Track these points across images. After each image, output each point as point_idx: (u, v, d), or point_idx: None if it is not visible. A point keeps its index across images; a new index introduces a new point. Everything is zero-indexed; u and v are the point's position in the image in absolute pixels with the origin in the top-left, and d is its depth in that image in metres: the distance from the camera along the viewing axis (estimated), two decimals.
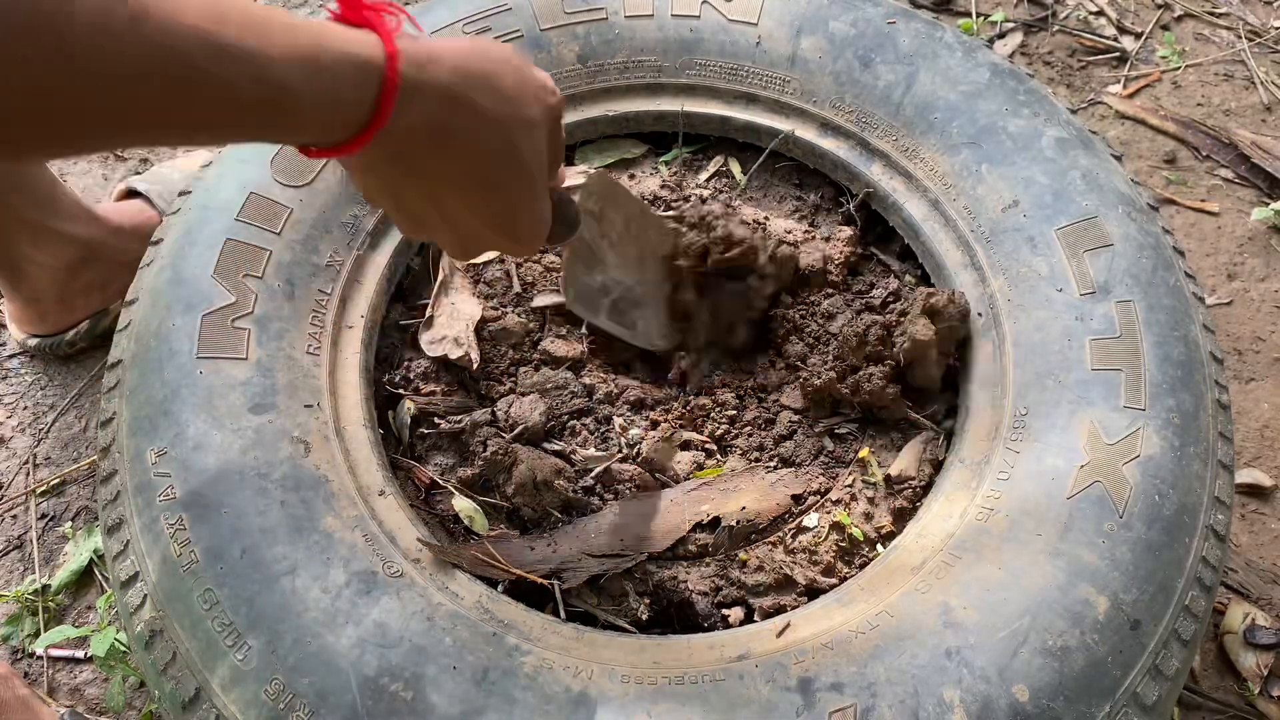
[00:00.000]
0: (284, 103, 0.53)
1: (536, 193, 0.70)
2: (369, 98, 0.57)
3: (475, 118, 0.62)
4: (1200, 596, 0.82)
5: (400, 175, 0.64)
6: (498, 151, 0.65)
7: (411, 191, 0.66)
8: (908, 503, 0.95)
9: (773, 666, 0.77)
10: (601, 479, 0.97)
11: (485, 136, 0.64)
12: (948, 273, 1.04)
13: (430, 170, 0.64)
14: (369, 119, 0.58)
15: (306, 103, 0.54)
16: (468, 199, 0.67)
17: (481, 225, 0.69)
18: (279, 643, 0.75)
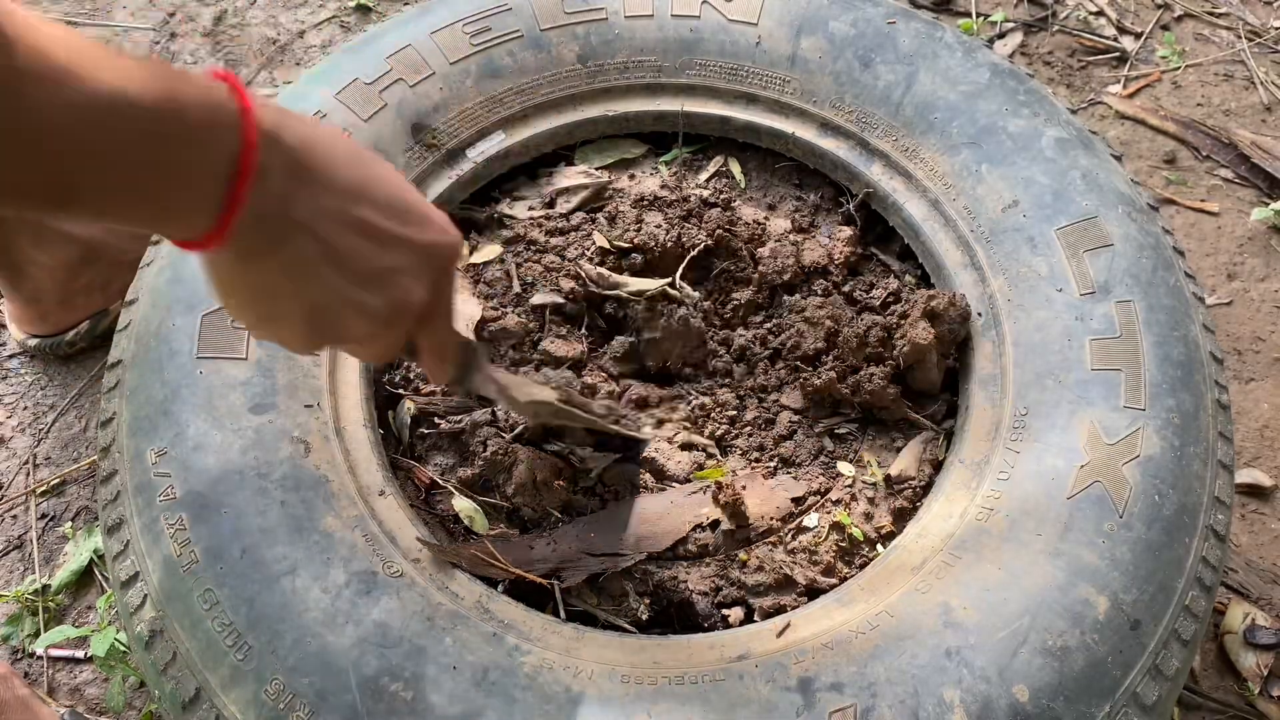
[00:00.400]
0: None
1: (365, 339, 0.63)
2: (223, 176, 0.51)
3: (301, 276, 0.56)
4: (1200, 596, 0.82)
5: (240, 279, 0.58)
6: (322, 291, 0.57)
7: (247, 297, 0.59)
8: (908, 503, 0.95)
9: (773, 666, 0.77)
10: (601, 479, 0.97)
11: (300, 293, 0.57)
12: (948, 273, 1.04)
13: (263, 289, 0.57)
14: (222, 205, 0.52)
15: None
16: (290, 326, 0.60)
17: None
18: (279, 643, 0.75)
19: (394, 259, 0.59)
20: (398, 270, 0.59)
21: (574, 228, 1.13)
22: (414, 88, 1.10)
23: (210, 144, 0.50)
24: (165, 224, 0.53)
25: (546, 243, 1.11)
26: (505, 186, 1.18)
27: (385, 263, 0.58)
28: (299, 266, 0.55)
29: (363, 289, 0.58)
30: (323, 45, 1.80)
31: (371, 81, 1.08)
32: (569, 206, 1.15)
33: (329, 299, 0.57)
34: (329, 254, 0.56)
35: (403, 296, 0.60)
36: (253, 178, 0.51)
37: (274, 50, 1.79)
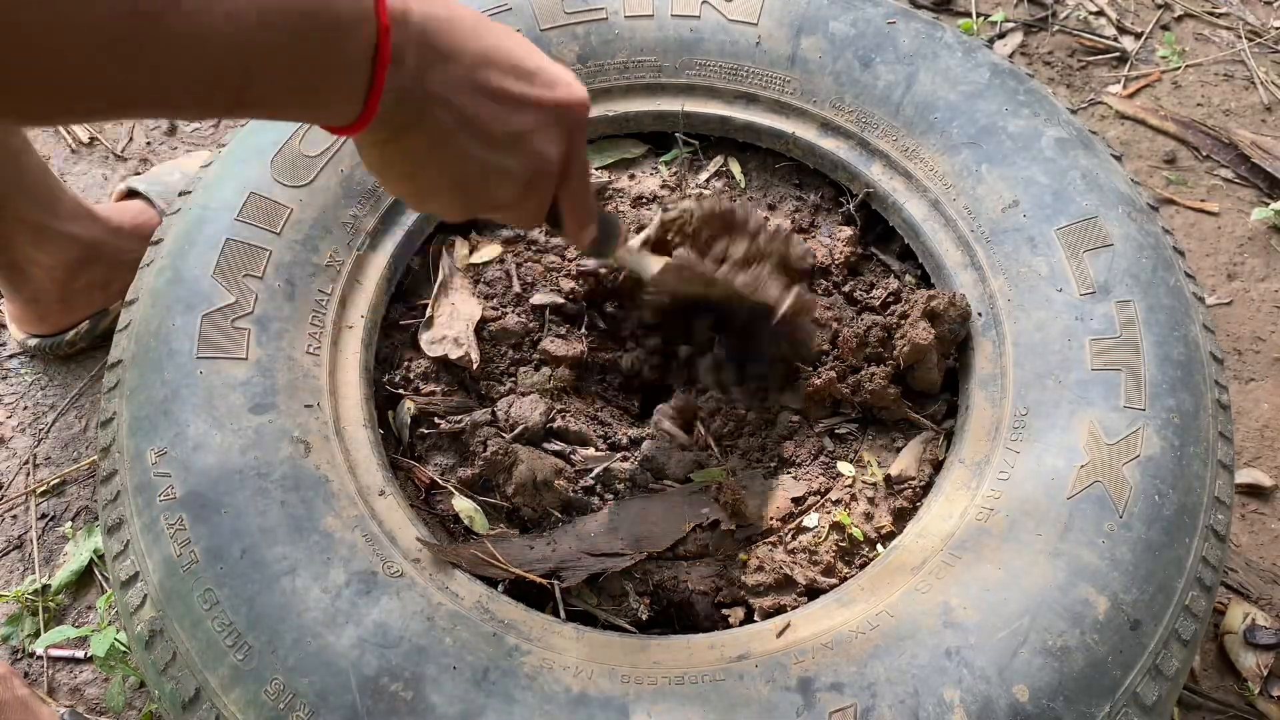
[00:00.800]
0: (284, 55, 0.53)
1: (521, 200, 0.68)
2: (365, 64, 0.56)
3: (443, 144, 0.61)
4: (1200, 596, 0.82)
5: (381, 159, 0.63)
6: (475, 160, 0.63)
7: (401, 172, 0.65)
8: (908, 503, 0.95)
9: (773, 666, 0.77)
10: (601, 479, 0.97)
11: (446, 165, 0.62)
12: (948, 273, 1.04)
13: (416, 160, 0.62)
14: (366, 90, 0.57)
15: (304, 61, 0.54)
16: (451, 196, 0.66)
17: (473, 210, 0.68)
18: (279, 643, 0.75)
19: (525, 120, 0.63)
20: (531, 130, 0.63)
21: None
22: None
23: (353, 32, 0.54)
24: (318, 112, 0.57)
25: (546, 243, 1.11)
26: None
27: (517, 124, 0.62)
28: (440, 137, 0.60)
29: (500, 152, 0.62)
30: None
31: None
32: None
33: (471, 165, 0.62)
34: (464, 121, 0.60)
35: (539, 155, 0.64)
36: (392, 60, 0.55)
37: None
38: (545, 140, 0.65)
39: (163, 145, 1.66)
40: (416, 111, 0.59)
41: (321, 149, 1.03)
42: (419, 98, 0.58)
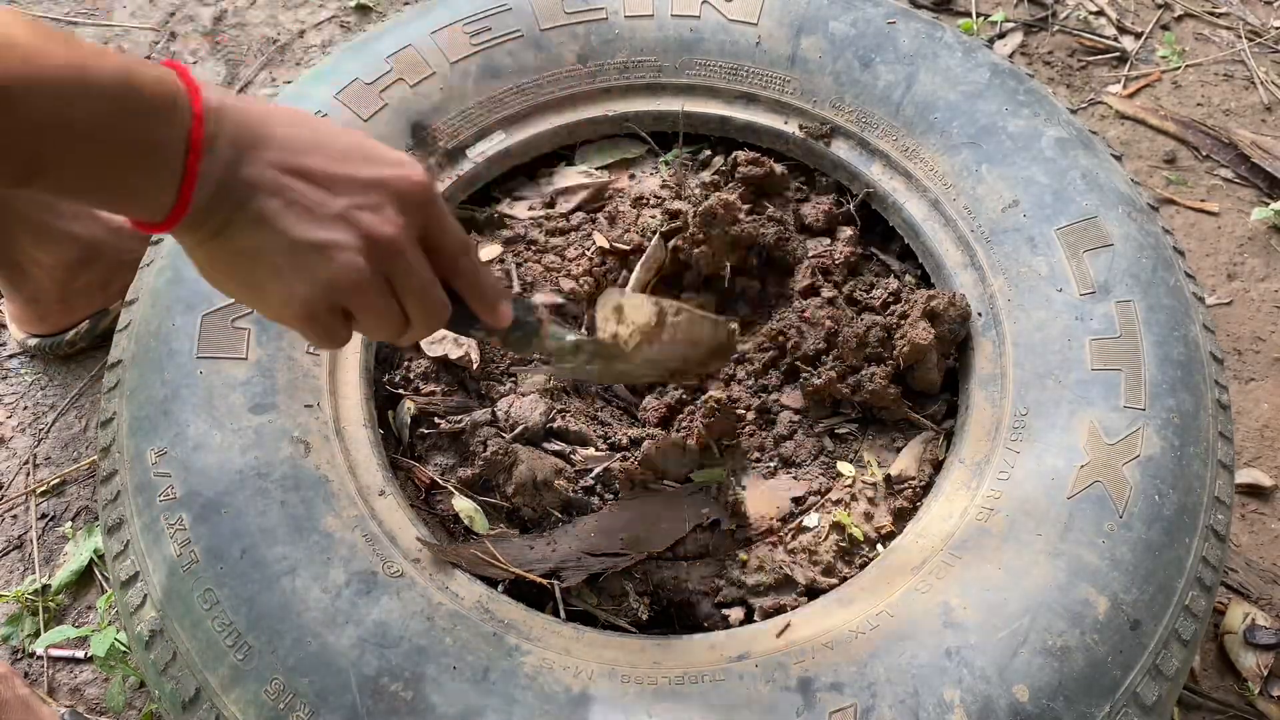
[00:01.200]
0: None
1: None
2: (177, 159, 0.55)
3: (256, 236, 0.58)
4: (1200, 596, 0.82)
5: (208, 259, 0.61)
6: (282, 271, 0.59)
7: (219, 277, 0.62)
8: (908, 503, 0.95)
9: (773, 666, 0.77)
10: (601, 479, 0.97)
11: (258, 259, 0.59)
12: (948, 273, 1.04)
13: (216, 267, 0.61)
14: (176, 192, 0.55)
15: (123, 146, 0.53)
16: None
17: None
18: (279, 643, 0.75)
19: (351, 198, 0.59)
20: (359, 207, 0.59)
21: (574, 228, 1.14)
22: (414, 88, 1.10)
23: (166, 118, 0.53)
24: (128, 204, 0.55)
25: (546, 243, 1.11)
26: (505, 186, 1.18)
27: (341, 203, 0.59)
28: (262, 226, 0.57)
29: (325, 228, 0.58)
30: (323, 45, 1.80)
31: (372, 81, 1.08)
32: (569, 206, 1.15)
33: (302, 253, 0.58)
34: (286, 206, 0.57)
35: (373, 232, 0.60)
36: (204, 149, 0.54)
37: (274, 50, 1.79)
38: (378, 217, 0.60)
39: None
40: (235, 204, 0.56)
41: None
42: (235, 189, 0.56)
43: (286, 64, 1.78)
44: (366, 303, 0.62)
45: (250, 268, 0.59)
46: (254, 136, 0.57)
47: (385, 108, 1.07)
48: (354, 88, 1.08)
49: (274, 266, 0.59)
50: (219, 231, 0.57)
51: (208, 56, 1.78)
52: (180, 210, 0.55)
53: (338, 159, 0.60)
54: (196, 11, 1.85)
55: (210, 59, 1.77)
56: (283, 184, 0.58)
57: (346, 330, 0.64)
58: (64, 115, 0.50)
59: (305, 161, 0.59)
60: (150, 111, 0.53)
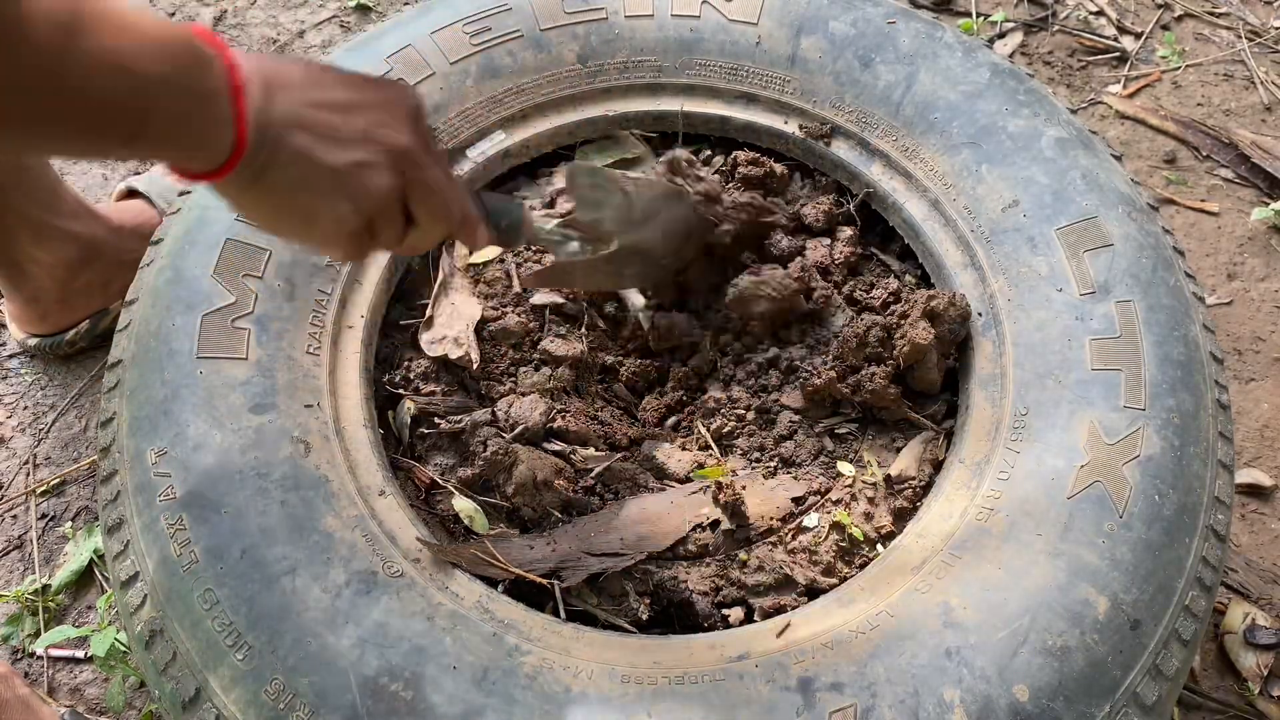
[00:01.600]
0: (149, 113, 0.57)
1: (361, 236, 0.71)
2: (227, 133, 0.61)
3: (298, 168, 0.64)
4: (1200, 596, 0.82)
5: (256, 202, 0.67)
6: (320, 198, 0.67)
7: (269, 216, 0.69)
8: (908, 503, 0.95)
9: (773, 666, 0.77)
10: (601, 479, 0.97)
11: (304, 188, 0.66)
12: (948, 273, 1.04)
13: (267, 205, 0.67)
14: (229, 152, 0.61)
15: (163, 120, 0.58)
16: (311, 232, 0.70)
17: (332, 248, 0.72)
18: (279, 643, 0.75)
19: (366, 118, 0.67)
20: (375, 125, 0.67)
21: None
22: (414, 88, 1.10)
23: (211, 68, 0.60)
24: (199, 149, 0.61)
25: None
26: (505, 186, 1.18)
27: (359, 124, 0.66)
28: (300, 156, 0.64)
29: (353, 149, 0.66)
30: (323, 45, 1.80)
31: None
32: (569, 206, 1.15)
33: (334, 173, 0.65)
34: (316, 135, 0.64)
35: (388, 144, 0.67)
36: (245, 91, 0.60)
37: (274, 50, 1.79)
38: (394, 132, 0.68)
39: None
40: (273, 142, 0.62)
41: None
42: (271, 127, 0.62)
43: None
44: (394, 213, 0.70)
45: (297, 200, 0.66)
46: (274, 78, 0.63)
47: None
48: None
49: (319, 193, 0.66)
50: (262, 173, 0.63)
51: None
52: (239, 150, 0.61)
53: (344, 86, 0.67)
54: (196, 11, 1.85)
55: None
56: (309, 117, 0.64)
57: (373, 242, 0.72)
58: (160, 75, 0.56)
59: (322, 94, 0.65)
60: (203, 62, 0.59)
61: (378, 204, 0.68)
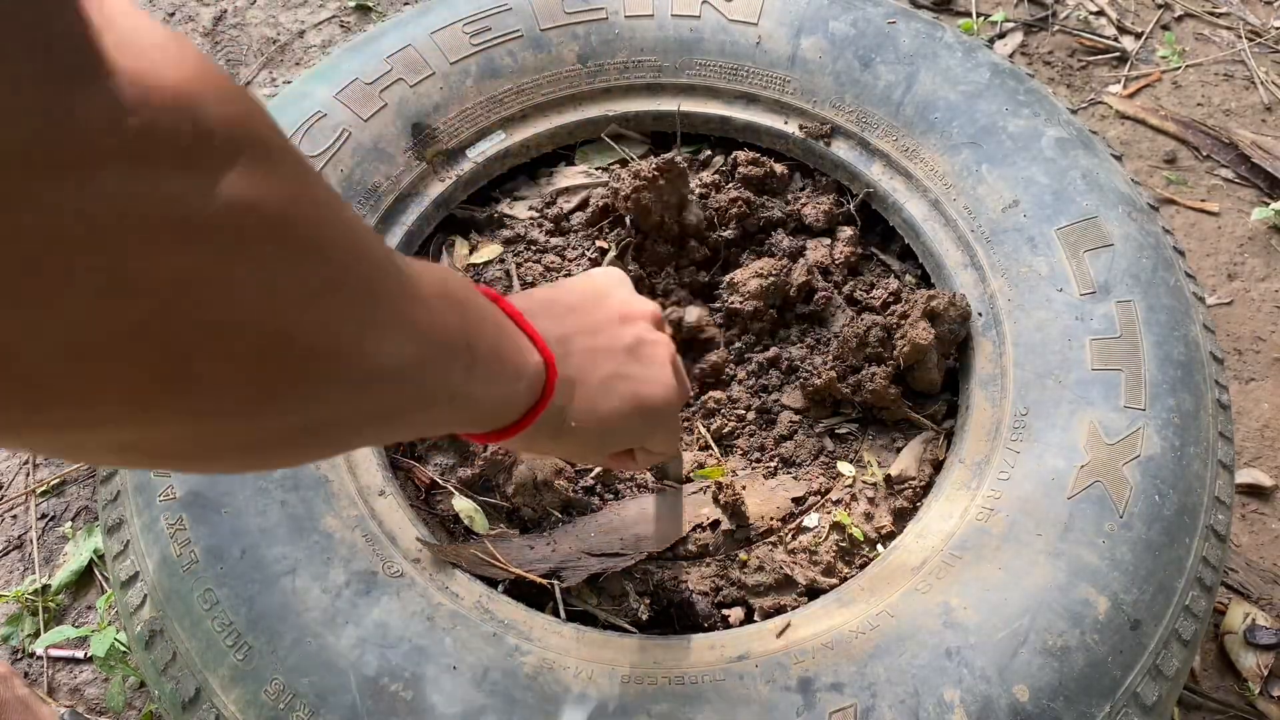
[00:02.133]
0: (468, 409, 0.53)
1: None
2: (531, 400, 0.58)
3: (599, 367, 0.64)
4: (1200, 596, 0.82)
5: (572, 426, 0.65)
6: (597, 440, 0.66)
7: (587, 436, 0.67)
8: (908, 503, 0.95)
9: (773, 666, 0.77)
10: (601, 479, 0.97)
11: (618, 378, 0.65)
12: (948, 273, 1.04)
13: (592, 418, 0.65)
14: (524, 415, 0.58)
15: (486, 407, 0.55)
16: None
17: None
18: (279, 643, 0.75)
19: (609, 304, 0.68)
20: (621, 303, 0.68)
21: (574, 228, 1.13)
22: (414, 88, 1.10)
23: (526, 376, 0.56)
24: (479, 426, 0.57)
25: (546, 243, 1.11)
26: (505, 186, 1.18)
27: (610, 309, 0.67)
28: (592, 355, 0.63)
29: (625, 326, 0.67)
30: (322, 45, 1.80)
31: (371, 81, 1.08)
32: (569, 206, 1.15)
33: (629, 350, 0.66)
34: (589, 334, 0.64)
35: (641, 308, 0.69)
36: (551, 396, 0.58)
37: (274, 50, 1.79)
38: (635, 303, 0.70)
39: None
40: (562, 360, 0.60)
41: (321, 149, 1.03)
42: (553, 344, 0.60)
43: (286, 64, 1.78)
44: (680, 368, 0.73)
45: (618, 391, 0.65)
46: (522, 307, 0.59)
47: (385, 108, 1.08)
48: (354, 88, 1.08)
49: (631, 375, 0.66)
50: (568, 393, 0.61)
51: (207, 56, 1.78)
52: (550, 385, 0.58)
53: (570, 289, 0.67)
54: (196, 11, 1.85)
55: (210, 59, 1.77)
56: (572, 323, 0.63)
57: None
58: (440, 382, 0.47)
59: (563, 299, 0.65)
60: (520, 375, 0.55)
61: (673, 362, 0.70)
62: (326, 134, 1.04)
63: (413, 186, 1.07)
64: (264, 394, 0.35)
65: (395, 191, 1.05)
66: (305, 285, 0.34)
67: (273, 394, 0.36)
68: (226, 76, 0.33)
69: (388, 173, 1.05)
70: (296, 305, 0.34)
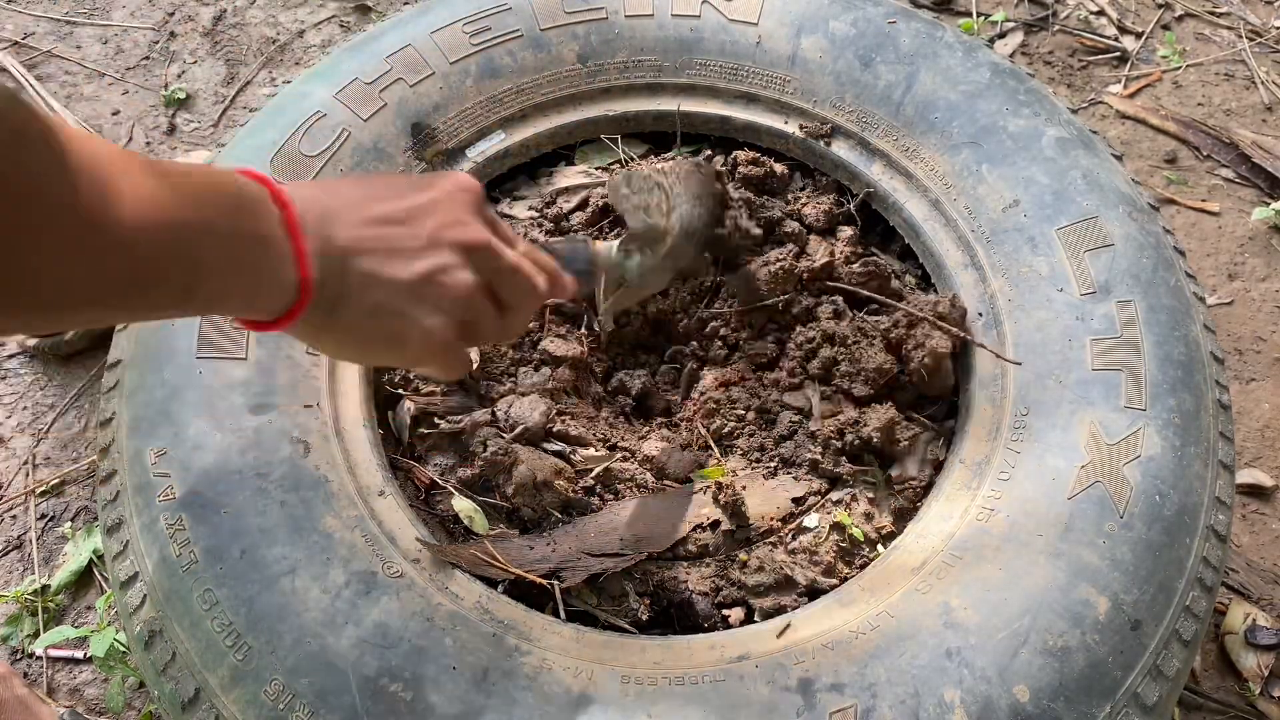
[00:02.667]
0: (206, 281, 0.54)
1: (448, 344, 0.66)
2: (285, 303, 0.58)
3: (373, 293, 0.61)
4: (1201, 597, 0.82)
5: (337, 339, 0.64)
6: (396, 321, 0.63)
7: (354, 349, 0.66)
8: (908, 503, 0.95)
9: (773, 667, 0.77)
10: (601, 479, 0.96)
11: (384, 312, 0.62)
12: (948, 273, 1.04)
13: (350, 338, 0.63)
14: (282, 314, 0.58)
15: (238, 295, 0.56)
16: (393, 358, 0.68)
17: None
18: (279, 643, 0.75)
19: (429, 222, 0.64)
20: (440, 227, 0.64)
21: (574, 228, 1.13)
22: (414, 87, 1.10)
23: (266, 212, 0.56)
24: (261, 298, 0.57)
25: (546, 241, 1.11)
26: (505, 186, 1.18)
27: (424, 229, 0.63)
28: (373, 281, 0.60)
29: (426, 257, 0.62)
30: (322, 45, 1.80)
31: (371, 81, 1.08)
32: (569, 206, 1.15)
33: (412, 287, 0.62)
34: (383, 254, 0.61)
35: (460, 239, 0.64)
36: (301, 229, 0.57)
37: (273, 50, 1.79)
38: (463, 229, 0.65)
39: (162, 145, 1.66)
40: (340, 273, 0.59)
41: (321, 149, 1.03)
42: (334, 258, 0.59)
43: (286, 64, 1.78)
44: (485, 307, 0.66)
45: (380, 325, 0.62)
46: (328, 205, 0.60)
47: (385, 107, 1.07)
48: (353, 87, 1.07)
49: (401, 313, 0.62)
50: (335, 307, 0.60)
51: (207, 56, 1.78)
52: (306, 290, 0.57)
53: (398, 197, 0.64)
54: (196, 11, 1.84)
55: (210, 59, 1.77)
56: (372, 236, 0.61)
57: (470, 343, 0.69)
58: (204, 222, 0.52)
59: (379, 208, 0.62)
60: (252, 203, 0.56)
61: (466, 305, 0.64)
62: (326, 134, 1.04)
63: None
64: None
65: None
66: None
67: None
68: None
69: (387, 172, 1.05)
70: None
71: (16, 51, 1.74)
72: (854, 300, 1.09)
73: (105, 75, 1.73)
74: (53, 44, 1.77)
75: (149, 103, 1.70)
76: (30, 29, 1.78)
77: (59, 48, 1.76)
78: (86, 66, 1.74)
